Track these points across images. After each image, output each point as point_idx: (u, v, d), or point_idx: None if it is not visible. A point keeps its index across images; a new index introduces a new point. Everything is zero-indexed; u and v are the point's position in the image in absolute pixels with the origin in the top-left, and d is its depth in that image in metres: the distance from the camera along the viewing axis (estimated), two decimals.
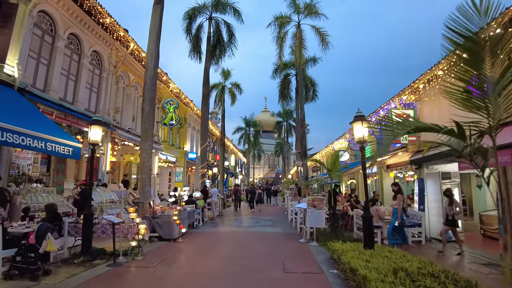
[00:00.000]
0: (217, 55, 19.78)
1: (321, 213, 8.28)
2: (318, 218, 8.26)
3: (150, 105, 10.30)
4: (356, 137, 6.60)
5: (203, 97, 17.96)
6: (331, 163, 9.58)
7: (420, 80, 9.39)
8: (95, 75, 13.32)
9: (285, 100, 24.78)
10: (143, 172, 9.84)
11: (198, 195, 11.83)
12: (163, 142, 19.59)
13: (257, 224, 12.64)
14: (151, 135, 10.14)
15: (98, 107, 13.29)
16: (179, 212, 8.90)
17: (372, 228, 6.38)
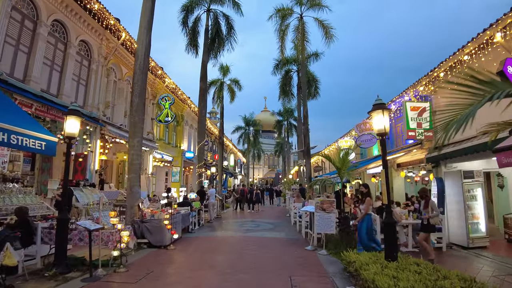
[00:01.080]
0: (215, 48, 18.82)
1: (331, 217, 7.32)
2: (327, 223, 7.30)
3: (140, 97, 9.33)
4: (376, 129, 5.64)
5: (200, 92, 17.01)
6: (340, 161, 8.61)
7: (441, 67, 8.43)
8: (83, 67, 12.35)
9: (286, 97, 23.82)
10: (132, 171, 8.87)
11: (193, 197, 10.84)
12: (159, 140, 18.62)
13: (258, 228, 11.67)
14: (140, 130, 9.18)
15: (87, 101, 12.33)
16: (170, 216, 7.92)
17: (395, 236, 5.41)
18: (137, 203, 8.61)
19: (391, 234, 5.35)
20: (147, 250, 7.66)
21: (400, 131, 12.57)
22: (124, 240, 5.88)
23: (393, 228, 5.41)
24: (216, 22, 18.53)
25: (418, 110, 9.71)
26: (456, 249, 8.30)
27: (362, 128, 13.16)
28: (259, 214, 17.49)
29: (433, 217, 6.66)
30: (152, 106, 17.71)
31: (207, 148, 30.75)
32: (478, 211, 8.48)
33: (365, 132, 13.10)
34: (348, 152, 8.81)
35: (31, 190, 9.15)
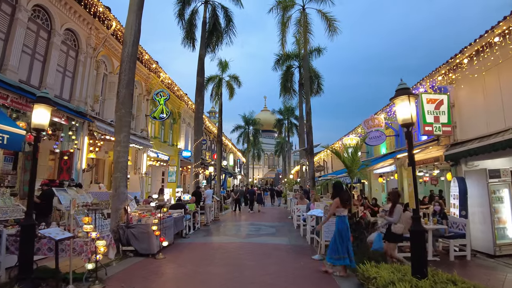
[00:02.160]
0: (213, 42, 17.95)
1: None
2: None
3: (127, 88, 8.42)
4: (401, 118, 4.72)
5: (197, 87, 16.10)
6: (350, 158, 7.70)
7: (465, 52, 7.49)
8: (70, 58, 11.42)
9: (288, 94, 22.90)
10: (118, 169, 7.96)
11: (187, 198, 9.92)
12: (154, 138, 17.70)
13: (258, 232, 10.74)
14: (127, 124, 8.26)
15: (73, 94, 11.39)
16: (160, 221, 7.00)
17: (425, 248, 4.49)
18: (123, 206, 7.69)
19: (420, 245, 4.43)
20: (133, 259, 6.74)
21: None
22: (100, 250, 4.95)
23: (422, 238, 4.49)
24: (214, 14, 17.64)
25: (435, 102, 8.81)
26: (481, 257, 7.39)
27: (370, 124, 12.25)
28: (259, 216, 16.57)
29: (390, 223, 5.82)
30: (146, 102, 16.79)
31: (206, 148, 29.81)
32: (505, 214, 7.56)
33: (373, 129, 12.19)
34: (358, 149, 7.89)
35: (6, 191, 8.22)
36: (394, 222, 5.81)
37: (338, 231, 5.74)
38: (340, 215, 5.82)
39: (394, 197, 6.03)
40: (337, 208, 5.82)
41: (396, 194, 6.14)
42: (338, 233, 5.72)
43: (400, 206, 5.82)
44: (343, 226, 5.75)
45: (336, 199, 5.95)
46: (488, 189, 7.47)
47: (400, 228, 5.68)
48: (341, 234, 5.70)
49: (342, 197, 5.85)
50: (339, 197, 5.89)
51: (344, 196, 5.90)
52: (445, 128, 8.74)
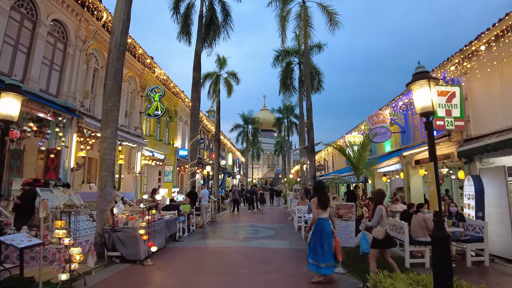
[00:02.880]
0: (210, 37, 17.29)
1: (350, 226, 5.79)
2: (345, 233, 5.77)
3: (115, 79, 7.79)
4: (420, 106, 4.08)
5: (193, 83, 15.45)
6: (357, 156, 7.07)
7: (482, 39, 6.86)
8: (58, 50, 10.78)
9: (287, 91, 22.26)
10: (104, 168, 7.33)
11: (181, 199, 9.27)
12: (148, 136, 17.07)
13: (257, 234, 10.10)
14: (115, 119, 7.63)
15: (61, 89, 10.76)
16: (148, 224, 6.37)
17: (450, 257, 3.85)
18: (109, 207, 7.06)
19: (445, 252, 3.80)
20: (118, 266, 6.11)
21: (419, 123, 11.05)
22: (76, 259, 4.32)
23: (446, 245, 3.86)
24: (211, 7, 17.01)
25: (446, 95, 8.20)
26: (500, 262, 6.78)
27: (375, 120, 11.63)
28: (258, 217, 15.94)
29: (370, 227, 5.09)
30: (141, 99, 16.16)
31: (204, 147, 29.21)
32: None
33: (378, 125, 11.57)
34: (366, 145, 7.27)
35: None
36: (372, 226, 5.05)
37: (313, 234, 5.26)
38: (321, 217, 5.27)
39: (377, 196, 5.30)
40: (317, 210, 5.27)
41: (380, 194, 5.37)
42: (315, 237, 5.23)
43: (382, 207, 5.00)
44: (316, 229, 5.22)
45: (314, 199, 5.40)
46: (507, 188, 6.86)
47: (381, 233, 4.85)
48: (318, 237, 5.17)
49: (320, 198, 5.29)
50: (317, 198, 5.33)
51: (323, 198, 5.32)
52: (457, 122, 8.13)
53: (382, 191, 5.72)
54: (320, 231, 5.13)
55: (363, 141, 7.27)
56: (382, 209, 5.11)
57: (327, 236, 5.11)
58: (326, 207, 5.23)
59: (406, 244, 6.30)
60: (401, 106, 11.11)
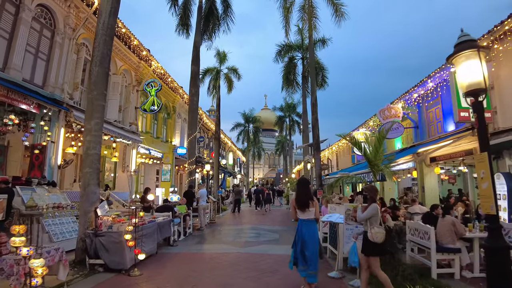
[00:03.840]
0: (209, 29, 16.50)
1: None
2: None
3: (101, 65, 6.97)
4: (466, 83, 3.25)
5: (191, 77, 14.64)
6: (373, 151, 6.24)
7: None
8: (44, 38, 9.97)
9: (290, 87, 21.42)
10: (87, 164, 6.50)
11: (175, 199, 8.42)
12: (145, 133, 16.24)
13: (259, 238, 9.26)
14: (100, 109, 6.80)
15: (48, 79, 9.95)
16: (135, 227, 5.54)
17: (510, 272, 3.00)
18: (93, 208, 6.24)
19: (503, 266, 2.95)
20: (100, 276, 5.28)
21: (434, 117, 10.22)
22: (38, 273, 3.49)
23: (505, 257, 3.00)
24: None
25: None
26: None
27: (387, 114, 10.79)
28: (260, 219, 15.12)
29: (374, 233, 4.14)
30: (136, 94, 15.33)
31: (203, 145, 28.38)
32: None
33: (389, 120, 10.73)
34: (383, 138, 6.43)
35: None
36: (361, 221, 4.34)
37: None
38: (300, 219, 4.77)
39: (372, 192, 4.50)
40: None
41: (374, 190, 4.59)
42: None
43: (376, 205, 4.33)
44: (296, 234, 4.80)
45: (292, 198, 4.91)
46: None
47: (381, 235, 4.07)
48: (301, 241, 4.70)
49: (297, 196, 4.80)
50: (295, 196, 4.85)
51: (301, 196, 4.74)
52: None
53: (374, 186, 4.96)
54: (298, 236, 4.73)
55: (379, 134, 6.40)
56: (378, 209, 4.32)
57: (306, 241, 4.58)
58: (304, 207, 4.64)
59: (432, 251, 5.45)
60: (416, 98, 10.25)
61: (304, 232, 4.66)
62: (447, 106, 9.51)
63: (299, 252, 4.64)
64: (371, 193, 4.49)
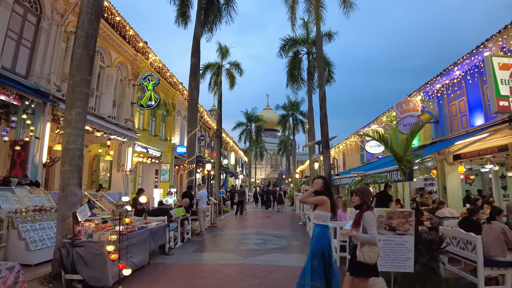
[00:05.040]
0: (210, 20, 15.57)
1: (408, 242, 3.98)
2: (400, 252, 3.97)
3: (85, 47, 6.04)
4: None
5: (191, 70, 13.71)
6: (402, 146, 5.29)
7: None
8: (29, 23, 9.08)
9: (295, 83, 20.45)
10: (66, 160, 5.56)
11: (171, 201, 7.44)
12: (142, 131, 15.33)
13: (265, 245, 8.27)
14: (84, 97, 5.87)
15: (32, 68, 9.06)
16: (119, 236, 4.59)
17: None
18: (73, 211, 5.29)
19: None
20: None
21: (457, 110, 9.24)
22: None
23: None
24: None
25: (510, 69, 6.37)
26: None
27: (405, 108, 9.81)
28: (265, 222, 14.18)
29: (364, 242, 3.17)
30: (133, 88, 14.41)
31: (205, 144, 27.45)
32: None
33: (407, 114, 9.76)
34: (418, 129, 5.47)
35: None
36: (373, 242, 3.16)
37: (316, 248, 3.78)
38: (320, 224, 3.81)
39: (364, 195, 3.41)
40: (321, 211, 3.82)
41: (365, 191, 3.49)
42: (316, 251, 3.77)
43: (371, 215, 3.26)
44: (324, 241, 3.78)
45: (323, 197, 3.85)
46: None
47: (374, 255, 3.10)
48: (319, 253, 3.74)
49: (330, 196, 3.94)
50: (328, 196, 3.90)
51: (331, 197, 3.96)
52: None
53: (366, 187, 3.96)
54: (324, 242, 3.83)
55: (414, 126, 5.42)
56: (374, 219, 3.30)
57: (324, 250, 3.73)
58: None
59: (480, 266, 4.48)
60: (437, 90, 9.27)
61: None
62: (475, 98, 8.56)
63: (328, 263, 3.69)
64: (362, 195, 3.42)
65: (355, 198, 3.49)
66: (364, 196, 3.40)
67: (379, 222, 4.05)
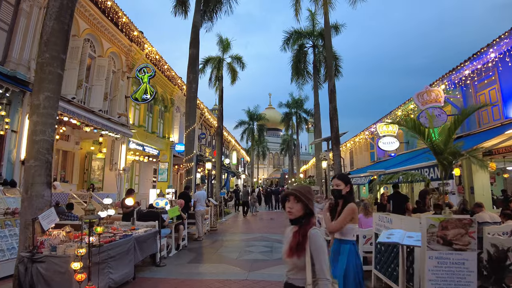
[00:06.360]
0: (210, 9, 14.60)
1: (468, 261, 2.95)
2: (459, 274, 2.95)
3: (58, 20, 5.04)
4: None
5: (189, 62, 12.73)
6: (444, 139, 4.28)
7: None
8: (6, 4, 8.13)
9: (301, 77, 19.43)
10: (32, 154, 4.57)
11: (162, 204, 6.42)
12: (137, 127, 14.35)
13: (271, 254, 7.20)
14: (55, 79, 4.86)
15: (9, 54, 8.09)
16: (89, 248, 3.59)
17: None
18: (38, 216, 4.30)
19: None
20: None
21: (488, 99, 8.19)
22: None
23: None
24: None
25: None
26: None
27: (426, 99, 8.77)
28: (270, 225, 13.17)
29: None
30: (127, 81, 13.43)
31: (205, 143, 26.45)
32: None
33: (429, 105, 8.72)
34: (465, 117, 4.46)
35: None
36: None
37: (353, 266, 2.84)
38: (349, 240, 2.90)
39: (309, 200, 2.02)
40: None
41: (310, 194, 2.06)
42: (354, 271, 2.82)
43: (319, 234, 1.95)
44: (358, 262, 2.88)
45: (352, 207, 2.87)
46: None
47: None
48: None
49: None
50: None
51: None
52: None
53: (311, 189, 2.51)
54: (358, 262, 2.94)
55: (460, 115, 4.40)
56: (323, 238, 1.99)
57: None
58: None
59: None
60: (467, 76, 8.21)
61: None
62: (510, 85, 7.51)
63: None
64: (309, 202, 2.04)
65: (294, 205, 2.02)
66: (309, 202, 2.02)
67: (430, 233, 3.02)
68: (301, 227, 1.98)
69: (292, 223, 2.06)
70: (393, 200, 7.90)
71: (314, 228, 1.97)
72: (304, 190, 2.06)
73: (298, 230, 1.98)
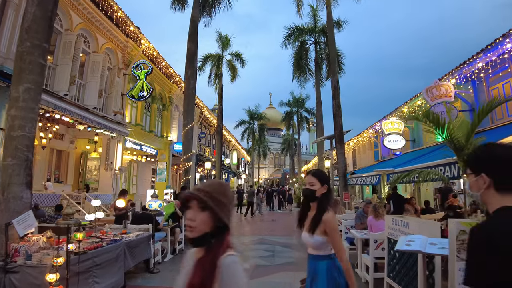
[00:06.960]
0: (209, 3, 14.18)
1: None
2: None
3: (41, 6, 4.66)
4: None
5: (187, 57, 12.33)
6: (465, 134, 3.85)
7: None
8: None
9: (302, 75, 19.00)
10: (9, 152, 4.15)
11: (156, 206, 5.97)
12: (134, 125, 13.95)
13: (273, 259, 6.76)
14: (35, 70, 4.45)
15: None
16: (68, 258, 3.16)
17: None
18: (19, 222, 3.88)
19: None
20: None
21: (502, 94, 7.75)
22: None
23: None
24: None
25: None
26: None
27: (435, 94, 8.33)
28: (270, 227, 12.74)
29: None
30: (123, 78, 13.03)
31: (205, 143, 26.05)
32: None
33: (439, 100, 8.29)
34: (489, 110, 4.03)
35: None
36: None
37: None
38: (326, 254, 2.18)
39: (221, 208, 1.26)
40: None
41: (223, 196, 1.28)
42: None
43: (237, 262, 1.22)
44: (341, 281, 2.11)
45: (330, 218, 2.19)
46: None
47: None
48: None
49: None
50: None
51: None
52: None
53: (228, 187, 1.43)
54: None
55: (485, 105, 3.98)
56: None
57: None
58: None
59: None
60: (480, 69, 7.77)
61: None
62: None
63: None
64: (220, 211, 1.28)
65: (197, 215, 1.24)
66: (222, 208, 1.28)
67: (461, 241, 2.59)
68: (208, 251, 1.22)
69: (194, 245, 1.25)
70: (394, 201, 7.54)
71: (230, 254, 1.22)
72: (215, 190, 1.26)
73: (204, 257, 1.22)
